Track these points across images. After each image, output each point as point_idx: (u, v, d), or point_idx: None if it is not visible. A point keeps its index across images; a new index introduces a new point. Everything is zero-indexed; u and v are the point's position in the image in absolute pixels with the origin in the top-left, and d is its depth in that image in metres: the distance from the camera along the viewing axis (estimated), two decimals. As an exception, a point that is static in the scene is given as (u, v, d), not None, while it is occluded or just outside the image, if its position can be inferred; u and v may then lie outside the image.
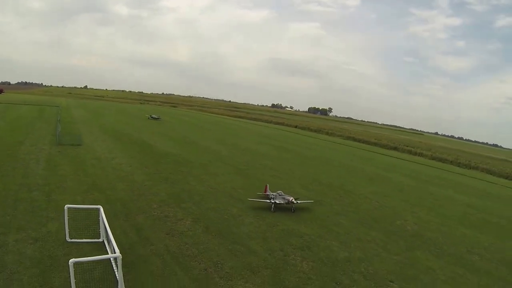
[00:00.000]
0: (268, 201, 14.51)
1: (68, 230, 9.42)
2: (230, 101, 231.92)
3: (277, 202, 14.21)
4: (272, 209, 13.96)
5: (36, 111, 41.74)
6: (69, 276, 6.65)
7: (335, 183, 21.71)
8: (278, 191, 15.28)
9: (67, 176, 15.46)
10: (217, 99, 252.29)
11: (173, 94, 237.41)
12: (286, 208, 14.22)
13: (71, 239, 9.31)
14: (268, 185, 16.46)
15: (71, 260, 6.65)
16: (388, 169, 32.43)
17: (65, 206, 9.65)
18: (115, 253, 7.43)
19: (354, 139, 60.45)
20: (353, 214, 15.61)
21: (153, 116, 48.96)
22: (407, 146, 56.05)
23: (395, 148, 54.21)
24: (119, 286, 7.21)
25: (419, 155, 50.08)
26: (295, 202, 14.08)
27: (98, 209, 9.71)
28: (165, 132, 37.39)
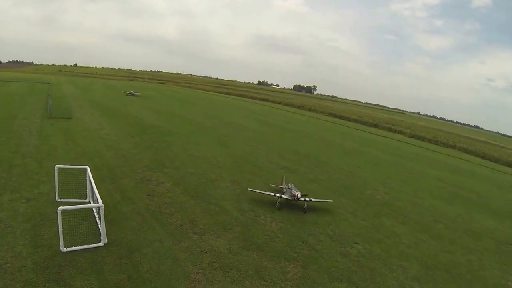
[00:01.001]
0: (272, 194, 11.67)
1: (58, 190, 9.68)
2: (217, 78, 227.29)
3: (283, 197, 11.46)
4: (277, 206, 11.25)
5: (27, 87, 40.33)
6: (57, 224, 7.02)
7: (312, 154, 21.92)
8: (290, 184, 12.35)
9: (58, 145, 15.46)
10: (205, 76, 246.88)
11: (162, 71, 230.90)
12: (296, 207, 12.08)
13: (60, 199, 9.56)
14: (284, 176, 13.54)
15: (59, 208, 7.02)
16: (366, 144, 32.15)
17: (55, 166, 9.86)
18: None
19: (336, 116, 58.89)
20: (325, 182, 15.96)
21: (132, 92, 45.60)
22: (387, 124, 54.38)
23: (375, 126, 52.66)
24: (101, 237, 7.61)
25: (398, 133, 48.75)
26: (302, 198, 11.33)
27: (86, 169, 9.93)
28: (152, 106, 36.89)
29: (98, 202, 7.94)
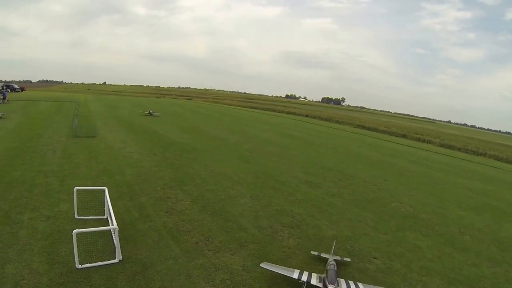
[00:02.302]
0: (295, 276, 7.53)
1: (76, 208, 10.25)
2: (245, 93, 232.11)
3: (312, 283, 7.35)
4: None
5: (55, 106, 42.94)
6: (73, 243, 7.44)
7: (336, 167, 21.85)
8: (333, 260, 8.07)
9: (80, 163, 16.35)
10: (232, 91, 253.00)
11: (190, 88, 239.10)
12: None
13: (79, 216, 10.12)
14: (335, 242, 9.48)
15: (74, 231, 7.44)
16: (393, 155, 32.03)
17: (74, 188, 10.49)
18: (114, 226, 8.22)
19: (364, 127, 59.43)
20: (348, 196, 15.82)
21: (151, 112, 42.31)
22: (416, 134, 54.81)
23: (404, 136, 53.30)
24: (116, 254, 7.95)
25: (427, 142, 49.18)
26: None
27: (103, 190, 10.46)
28: (177, 122, 38.15)
29: (113, 222, 8.36)
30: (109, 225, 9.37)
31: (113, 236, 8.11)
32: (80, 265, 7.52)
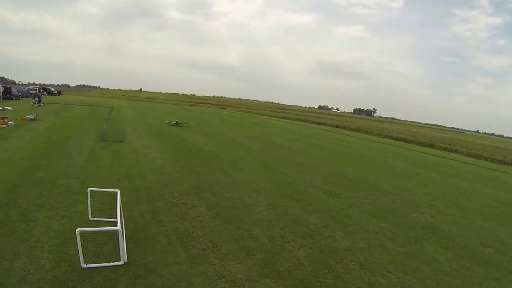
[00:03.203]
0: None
1: (90, 210, 10.72)
2: (278, 103, 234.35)
3: None
4: None
5: (87, 111, 45.33)
6: (77, 243, 7.77)
7: (359, 177, 21.66)
8: None
9: (103, 167, 17.09)
10: (266, 101, 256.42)
11: (224, 97, 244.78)
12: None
13: (92, 218, 10.56)
14: None
15: (77, 230, 7.76)
16: (418, 165, 31.86)
17: (88, 189, 10.97)
18: (122, 229, 8.49)
19: (392, 137, 61.48)
20: (367, 206, 15.56)
21: (178, 122, 39.74)
22: (443, 144, 55.56)
23: (431, 145, 54.05)
24: (120, 256, 8.21)
25: (454, 152, 49.48)
26: None
27: (116, 193, 10.85)
28: (206, 130, 39.11)
29: (121, 224, 8.65)
30: (118, 227, 9.71)
31: (119, 238, 8.36)
32: (85, 265, 7.82)
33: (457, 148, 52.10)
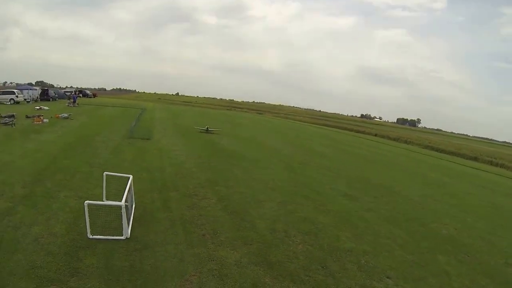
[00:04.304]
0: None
1: (105, 193, 12.08)
2: (320, 111, 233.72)
3: None
4: None
5: (119, 111, 48.35)
6: (85, 215, 9.05)
7: (385, 184, 21.65)
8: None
9: (126, 159, 18.71)
10: (307, 108, 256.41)
11: (264, 103, 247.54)
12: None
13: (106, 200, 11.89)
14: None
15: (86, 202, 9.05)
16: (453, 176, 30.98)
17: (104, 173, 12.37)
18: (127, 205, 9.71)
19: (433, 148, 59.78)
20: (385, 212, 15.58)
21: (208, 128, 36.42)
22: (489, 157, 53.26)
23: (475, 159, 52.25)
24: (123, 231, 9.39)
25: (500, 166, 47.00)
26: None
27: (129, 177, 12.12)
28: (236, 132, 40.47)
29: (128, 204, 9.86)
30: (128, 208, 10.94)
31: (123, 215, 9.52)
32: (91, 235, 9.07)
33: (504, 162, 49.62)
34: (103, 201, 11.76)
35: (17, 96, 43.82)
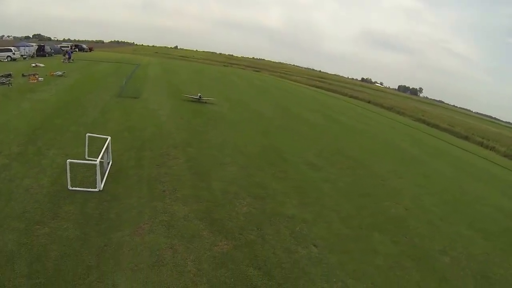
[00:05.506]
0: None
1: (87, 151, 13.96)
2: (320, 71, 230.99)
3: None
4: None
5: (113, 68, 48.80)
6: (66, 170, 11.02)
7: (356, 156, 21.64)
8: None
9: (111, 119, 20.42)
10: (307, 68, 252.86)
11: (264, 59, 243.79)
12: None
13: (88, 157, 13.75)
14: None
15: (68, 160, 10.97)
16: (434, 154, 29.03)
17: (86, 134, 14.21)
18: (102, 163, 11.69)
19: (424, 122, 54.81)
20: (343, 184, 16.03)
21: (200, 96, 31.50)
22: (482, 138, 48.63)
23: (466, 138, 48.01)
24: (96, 185, 11.42)
25: (490, 149, 43.04)
26: None
27: (107, 139, 13.91)
28: (225, 93, 41.18)
29: (103, 162, 11.84)
30: (105, 165, 12.91)
31: (98, 171, 11.48)
32: (71, 187, 11.11)
33: (495, 145, 44.61)
34: (85, 158, 13.72)
35: (13, 53, 44.75)
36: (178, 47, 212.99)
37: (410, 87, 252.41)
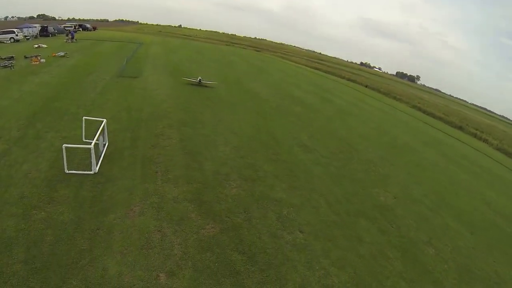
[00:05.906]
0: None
1: (84, 134, 14.34)
2: (320, 53, 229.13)
3: None
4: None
5: (116, 47, 48.36)
6: (62, 155, 11.42)
7: (349, 140, 21.59)
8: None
9: (110, 100, 20.61)
10: (308, 50, 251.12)
11: (265, 40, 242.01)
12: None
13: (85, 139, 14.14)
14: None
15: (64, 145, 11.36)
16: (427, 143, 28.61)
17: (83, 117, 14.55)
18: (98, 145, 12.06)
19: (420, 109, 54.24)
20: (334, 168, 16.10)
21: (201, 79, 30.08)
22: (476, 130, 48.29)
23: (460, 128, 47.68)
24: (92, 167, 11.84)
25: (483, 141, 42.98)
26: None
27: (102, 121, 14.23)
28: (223, 72, 41.13)
29: (99, 144, 12.23)
30: (100, 147, 13.29)
31: (93, 154, 11.84)
32: (67, 171, 11.56)
33: (488, 138, 44.52)
34: (82, 141, 14.10)
35: (16, 35, 44.53)
36: (182, 26, 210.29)
37: (408, 74, 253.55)
